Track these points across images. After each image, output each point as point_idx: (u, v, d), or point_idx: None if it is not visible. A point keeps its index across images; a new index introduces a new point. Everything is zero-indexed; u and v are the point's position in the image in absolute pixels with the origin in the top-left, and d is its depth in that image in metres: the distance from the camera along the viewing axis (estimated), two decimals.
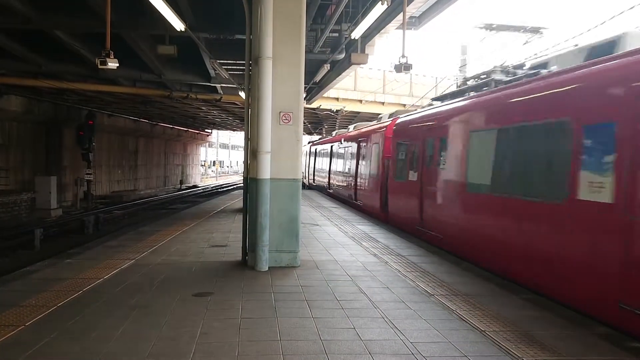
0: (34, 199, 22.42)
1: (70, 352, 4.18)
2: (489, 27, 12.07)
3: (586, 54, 6.86)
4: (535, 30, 11.86)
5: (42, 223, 19.63)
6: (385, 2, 8.83)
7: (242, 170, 8.40)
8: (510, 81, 8.38)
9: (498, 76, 8.94)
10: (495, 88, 8.49)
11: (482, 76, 9.65)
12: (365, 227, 12.05)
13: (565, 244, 5.83)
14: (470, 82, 10.21)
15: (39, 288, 6.07)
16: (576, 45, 7.52)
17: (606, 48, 6.44)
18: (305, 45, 8.22)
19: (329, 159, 23.87)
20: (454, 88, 12.42)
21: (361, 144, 16.86)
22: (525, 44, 11.59)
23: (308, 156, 32.49)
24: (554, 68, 7.46)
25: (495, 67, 9.26)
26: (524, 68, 8.68)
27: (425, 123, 10.77)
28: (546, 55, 8.23)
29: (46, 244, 16.37)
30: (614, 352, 4.40)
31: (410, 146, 11.40)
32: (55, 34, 13.54)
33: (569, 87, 6.18)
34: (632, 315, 4.80)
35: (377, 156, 14.41)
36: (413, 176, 10.95)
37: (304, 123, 31.47)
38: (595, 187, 5.37)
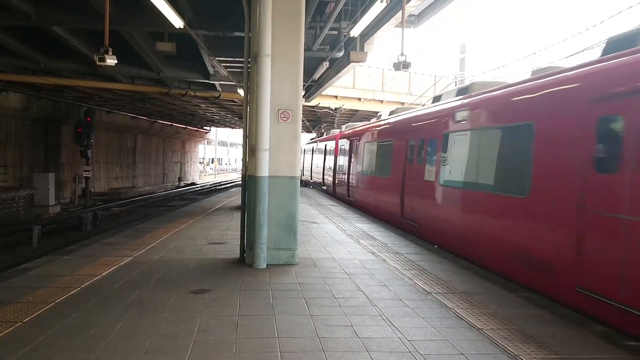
0: (32, 195, 22.42)
1: (68, 348, 4.18)
2: None
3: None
4: None
5: (40, 220, 19.63)
6: (385, 0, 8.82)
7: (241, 167, 8.40)
8: None
9: None
10: None
11: None
12: (363, 225, 12.06)
13: None
14: None
15: (37, 285, 6.07)
16: None
17: None
18: (305, 43, 8.22)
19: (407, 157, 12.00)
20: (452, 87, 12.72)
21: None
22: None
23: (328, 155, 23.92)
24: None
25: None
26: None
27: None
28: None
29: (44, 241, 16.36)
30: (610, 350, 4.41)
31: None
32: (54, 30, 13.52)
33: None
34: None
35: None
36: None
37: (303, 121, 31.49)
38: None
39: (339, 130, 25.03)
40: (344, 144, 20.32)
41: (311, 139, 36.66)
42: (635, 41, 5.82)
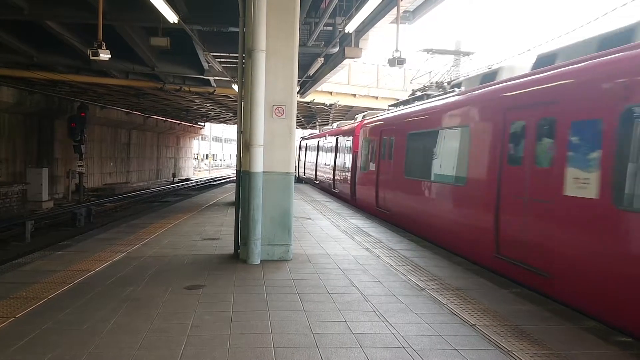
0: (26, 190, 22.27)
1: (61, 344, 4.17)
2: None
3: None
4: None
5: (34, 215, 19.54)
6: None
7: (235, 163, 8.39)
8: None
9: None
10: None
11: None
12: (357, 221, 12.08)
13: None
14: None
15: (30, 280, 6.05)
16: None
17: None
18: (299, 39, 8.22)
19: None
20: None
21: None
22: None
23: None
24: None
25: None
26: None
27: None
28: None
29: (37, 236, 16.30)
30: (601, 345, 4.44)
31: None
32: (48, 25, 13.43)
33: None
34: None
35: None
36: None
37: (297, 117, 31.40)
38: None
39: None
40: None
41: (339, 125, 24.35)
42: None
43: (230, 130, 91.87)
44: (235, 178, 8.40)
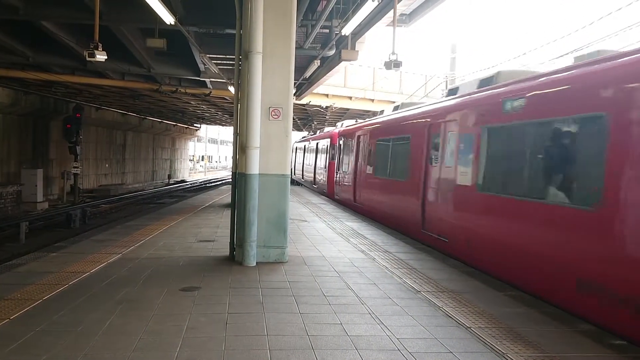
0: (20, 191, 22.21)
1: (56, 345, 4.16)
2: None
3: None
4: None
5: (28, 216, 19.47)
6: None
7: (231, 165, 8.39)
8: None
9: None
10: None
11: None
12: (353, 224, 12.08)
13: None
14: None
15: (25, 281, 6.03)
16: None
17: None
18: (296, 41, 8.22)
19: None
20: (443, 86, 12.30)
21: None
22: None
23: None
24: None
25: None
26: None
27: None
28: None
29: (32, 238, 16.24)
30: (596, 348, 4.46)
31: None
32: (44, 25, 13.41)
33: None
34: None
35: None
36: None
37: (293, 119, 31.46)
38: None
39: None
40: None
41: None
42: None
43: (226, 132, 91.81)
44: (230, 180, 8.40)
